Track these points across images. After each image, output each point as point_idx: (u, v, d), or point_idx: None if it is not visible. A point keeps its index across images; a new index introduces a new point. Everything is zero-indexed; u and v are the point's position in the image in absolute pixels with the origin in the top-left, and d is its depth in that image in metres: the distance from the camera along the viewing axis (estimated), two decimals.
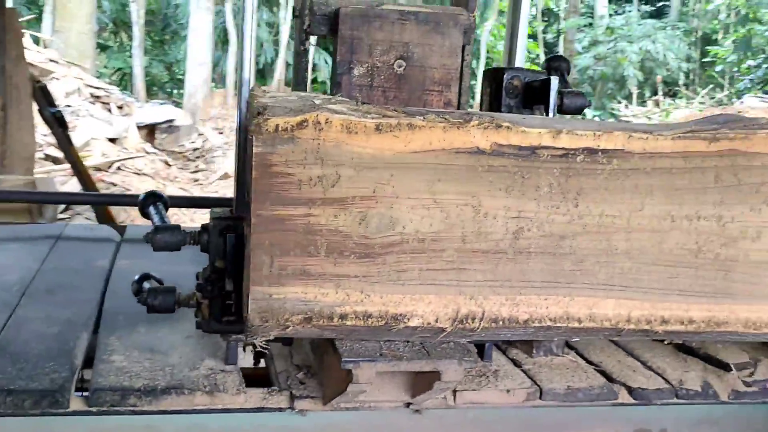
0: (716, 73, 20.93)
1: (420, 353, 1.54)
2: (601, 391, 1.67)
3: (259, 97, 1.42)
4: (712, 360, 1.79)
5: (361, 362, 1.49)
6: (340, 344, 1.56)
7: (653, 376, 1.74)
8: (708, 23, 22.21)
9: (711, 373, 1.77)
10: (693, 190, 1.53)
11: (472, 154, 1.44)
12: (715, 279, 1.56)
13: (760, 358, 1.80)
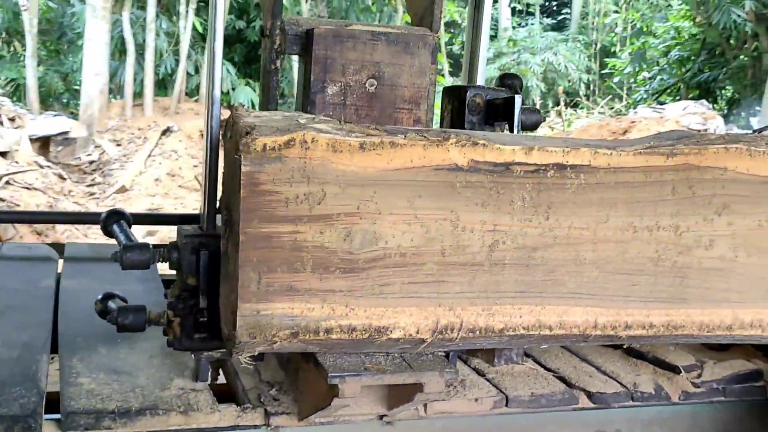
0: (614, 84, 21.69)
1: (402, 366, 1.58)
2: (563, 397, 1.75)
3: (244, 116, 1.44)
4: (661, 363, 1.89)
5: (347, 377, 1.52)
6: (322, 359, 1.59)
7: (609, 381, 1.82)
8: (606, 36, 23.00)
9: (661, 376, 1.87)
10: (652, 202, 1.62)
11: (451, 171, 1.50)
12: (672, 285, 1.66)
13: (705, 360, 1.91)
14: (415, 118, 1.71)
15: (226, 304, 1.55)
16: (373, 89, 1.68)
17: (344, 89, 1.66)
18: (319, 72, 1.65)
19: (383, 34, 1.67)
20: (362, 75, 1.67)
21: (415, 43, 1.68)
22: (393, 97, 1.69)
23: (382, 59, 1.67)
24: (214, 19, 1.69)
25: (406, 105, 1.70)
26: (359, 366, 1.56)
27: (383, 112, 1.69)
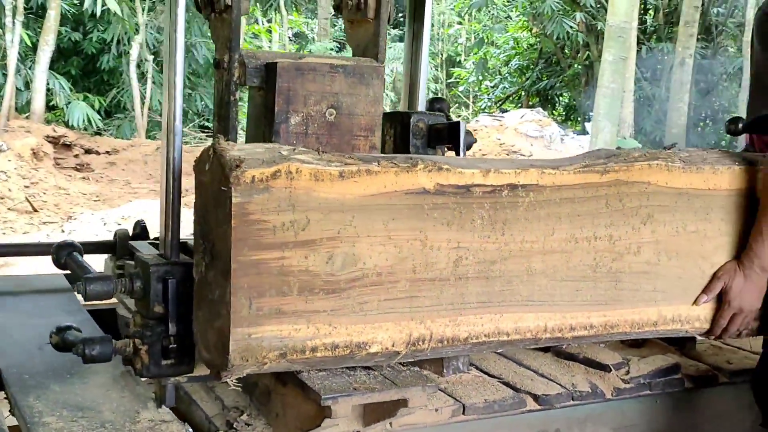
0: (461, 92, 22.47)
1: (385, 383, 1.68)
2: (513, 401, 1.88)
3: (229, 150, 1.51)
4: (592, 363, 2.07)
5: (339, 397, 1.60)
6: (309, 382, 1.66)
7: (549, 383, 1.97)
8: (451, 46, 23.79)
9: (594, 375, 2.04)
10: (590, 215, 1.80)
11: (419, 194, 1.62)
12: (608, 289, 1.85)
13: (630, 357, 2.11)
14: (370, 145, 1.82)
15: (208, 330, 1.60)
16: (332, 118, 1.77)
17: (306, 119, 1.75)
18: (282, 103, 1.73)
19: (341, 67, 1.77)
20: (322, 105, 1.76)
21: (369, 74, 1.79)
22: (350, 125, 1.79)
23: (340, 90, 1.77)
24: (174, 45, 1.74)
25: (363, 132, 1.81)
26: (348, 386, 1.64)
27: (342, 140, 1.79)
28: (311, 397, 1.62)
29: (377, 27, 1.92)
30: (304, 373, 1.68)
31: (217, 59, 1.82)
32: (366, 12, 1.92)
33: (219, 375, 1.57)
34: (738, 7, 18.56)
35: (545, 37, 19.53)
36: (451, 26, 24.24)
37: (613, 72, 14.48)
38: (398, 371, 1.74)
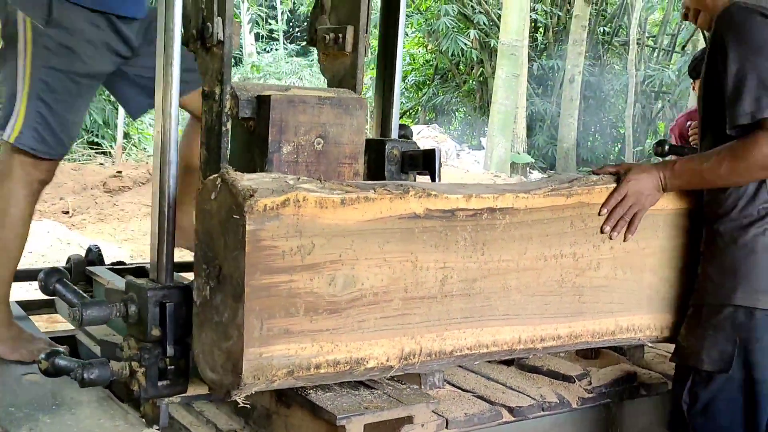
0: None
1: (391, 401, 1.78)
2: (490, 414, 2.00)
3: (240, 180, 1.60)
4: (556, 375, 2.22)
5: (353, 417, 1.69)
6: (320, 402, 1.75)
7: (520, 395, 2.11)
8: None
9: (559, 386, 2.18)
10: (557, 235, 1.97)
11: (411, 219, 1.75)
12: (573, 302, 2.02)
13: (590, 369, 2.28)
14: (354, 171, 1.93)
15: (214, 351, 1.68)
16: (320, 147, 1.88)
17: (297, 148, 1.85)
18: (276, 133, 1.82)
19: (328, 99, 1.88)
20: (311, 135, 1.86)
21: (353, 105, 1.91)
22: (337, 154, 1.90)
23: (327, 120, 1.88)
24: (169, 78, 1.81)
25: (347, 160, 1.92)
26: (358, 405, 1.74)
27: (329, 167, 1.89)
28: (324, 417, 1.71)
29: (354, 60, 2.03)
30: (312, 393, 1.78)
31: (207, 91, 1.90)
32: (344, 46, 2.03)
33: (228, 393, 1.65)
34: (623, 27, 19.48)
35: (440, 54, 19.96)
36: None
37: (506, 89, 14.96)
38: (398, 390, 1.86)
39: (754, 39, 1.94)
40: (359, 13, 2.02)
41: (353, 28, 2.02)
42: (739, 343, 1.98)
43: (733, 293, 2.00)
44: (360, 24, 2.01)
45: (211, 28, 1.83)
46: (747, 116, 1.90)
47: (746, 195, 2.01)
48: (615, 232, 2.03)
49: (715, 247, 2.06)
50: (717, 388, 2.00)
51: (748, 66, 1.91)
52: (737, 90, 1.92)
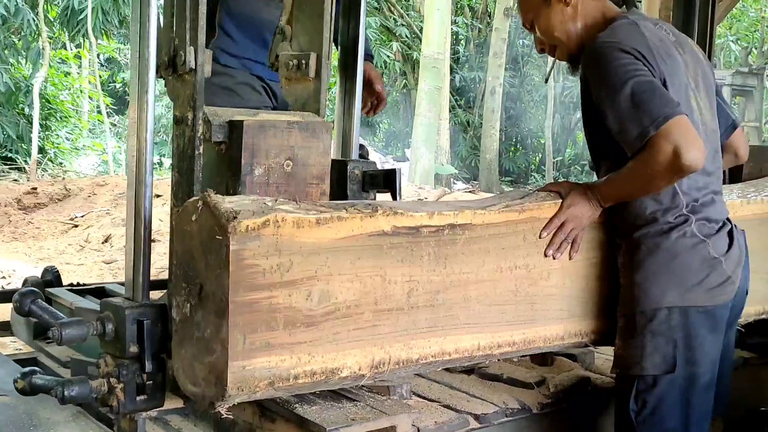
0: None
1: (375, 412, 1.89)
2: (458, 422, 2.12)
3: (222, 202, 1.69)
4: (516, 382, 2.37)
5: (341, 428, 1.79)
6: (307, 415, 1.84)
7: (484, 403, 2.23)
8: None
9: (519, 393, 2.32)
10: (512, 248, 2.11)
11: (380, 236, 1.87)
12: (526, 310, 2.16)
13: (545, 376, 2.44)
14: (321, 191, 2.04)
15: (195, 365, 1.76)
16: (289, 169, 1.98)
17: (268, 170, 1.95)
18: (248, 157, 1.92)
19: (296, 123, 1.98)
20: (281, 157, 1.96)
21: (319, 129, 2.01)
22: (305, 175, 2.00)
23: (295, 143, 1.98)
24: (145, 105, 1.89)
25: (315, 181, 2.02)
26: (344, 417, 1.84)
27: (298, 188, 1.99)
28: (314, 430, 1.81)
29: (318, 85, 2.14)
30: (298, 407, 1.87)
31: (179, 116, 1.98)
32: (307, 72, 2.14)
33: (212, 405, 1.73)
34: None
35: None
36: None
37: (429, 101, 15.20)
38: (380, 401, 1.98)
39: (618, 72, 2.10)
40: (321, 41, 2.13)
41: (316, 55, 2.13)
42: (677, 342, 2.15)
43: (665, 296, 2.16)
44: (323, 51, 2.12)
45: (183, 57, 1.91)
46: (638, 140, 2.06)
47: (663, 204, 2.18)
48: (559, 253, 2.18)
49: (639, 256, 2.19)
50: (663, 390, 2.16)
51: (619, 97, 2.08)
52: (621, 123, 2.09)
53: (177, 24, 1.95)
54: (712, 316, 2.21)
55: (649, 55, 2.13)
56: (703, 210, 2.20)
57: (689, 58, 2.30)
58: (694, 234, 2.18)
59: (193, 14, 1.93)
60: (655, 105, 2.04)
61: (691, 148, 2.01)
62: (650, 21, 2.31)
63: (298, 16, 2.20)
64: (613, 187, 2.19)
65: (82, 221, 9.12)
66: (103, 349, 1.96)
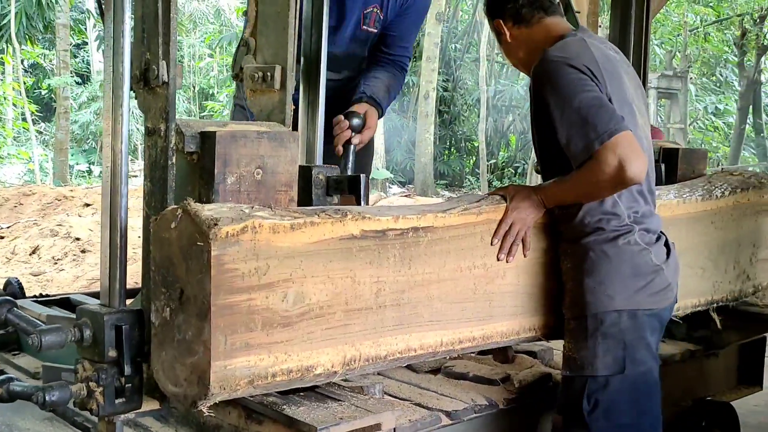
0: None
1: (360, 411, 1.98)
2: (431, 419, 2.22)
3: (201, 210, 1.77)
4: (482, 380, 2.49)
5: (331, 427, 1.87)
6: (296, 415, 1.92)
7: (454, 400, 2.34)
8: (203, 79, 23.83)
9: (485, 390, 2.44)
10: (470, 248, 2.23)
11: (349, 239, 1.97)
12: (484, 307, 2.29)
13: (509, 373, 2.56)
14: (289, 198, 2.12)
15: (176, 366, 1.84)
16: (259, 177, 2.06)
17: (239, 179, 2.03)
18: (221, 166, 1.99)
19: (265, 133, 2.07)
20: (252, 166, 2.04)
21: (287, 138, 2.10)
22: (274, 183, 2.09)
23: (265, 153, 2.06)
24: (120, 118, 1.96)
25: (284, 188, 2.11)
26: (332, 417, 1.93)
27: (267, 195, 2.07)
28: (304, 430, 1.89)
29: (283, 96, 2.23)
30: (286, 408, 1.96)
31: (150, 127, 2.05)
32: (272, 84, 2.22)
33: (194, 404, 1.81)
34: (473, 44, 20.32)
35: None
36: (202, 59, 24.30)
37: None
38: (363, 400, 2.07)
39: (566, 87, 2.25)
40: (286, 54, 2.22)
41: (281, 67, 2.22)
42: (627, 344, 2.30)
43: (614, 300, 2.30)
44: (287, 64, 2.21)
45: (156, 71, 1.99)
46: (584, 152, 2.21)
47: (608, 213, 2.32)
48: (511, 257, 2.31)
49: (588, 262, 2.32)
50: (614, 389, 2.29)
51: (568, 111, 2.23)
52: (569, 136, 2.24)
53: (149, 38, 2.02)
54: (657, 318, 2.37)
55: (597, 72, 2.28)
56: (643, 221, 2.36)
57: (632, 75, 2.46)
58: (637, 242, 2.33)
59: (165, 29, 2.00)
60: (601, 120, 2.18)
61: (635, 161, 2.17)
62: (597, 39, 2.46)
63: (262, 29, 2.28)
64: (558, 191, 2.33)
65: (7, 232, 8.97)
66: (80, 354, 2.02)
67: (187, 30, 24.04)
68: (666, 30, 22.12)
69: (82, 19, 23.16)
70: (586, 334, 2.31)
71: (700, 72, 23.70)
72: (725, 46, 22.73)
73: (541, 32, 2.45)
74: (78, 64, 24.26)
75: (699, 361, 3.26)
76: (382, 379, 2.47)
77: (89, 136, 21.78)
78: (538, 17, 2.45)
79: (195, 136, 2.02)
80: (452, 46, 20.38)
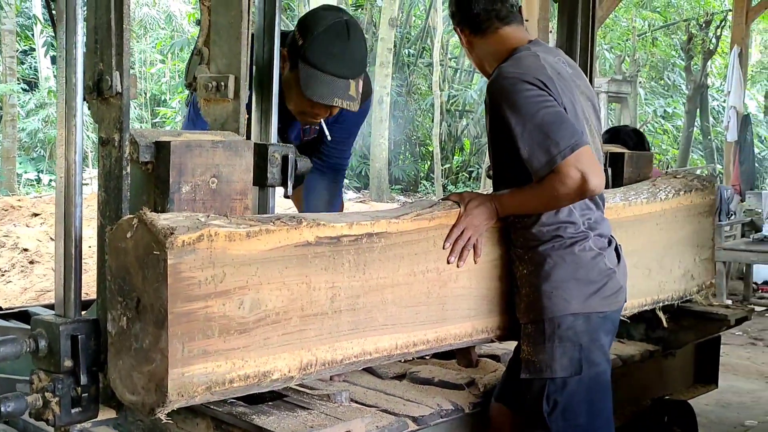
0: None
1: (330, 419, 2.01)
2: (398, 425, 2.25)
3: (157, 219, 1.79)
4: (447, 384, 2.53)
5: None
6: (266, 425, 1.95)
7: (420, 406, 2.38)
8: (155, 85, 23.59)
9: (450, 395, 2.48)
10: (423, 253, 2.28)
11: (305, 246, 2.00)
12: (438, 311, 2.33)
13: (474, 377, 2.61)
14: (245, 206, 2.15)
15: (133, 375, 1.85)
16: (214, 186, 2.08)
17: (194, 188, 2.05)
18: (176, 176, 2.01)
19: (220, 142, 2.09)
20: (206, 175, 2.06)
21: (242, 147, 2.13)
22: (229, 191, 2.11)
23: (220, 162, 2.08)
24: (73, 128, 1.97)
25: (239, 196, 2.13)
26: (303, 426, 1.95)
27: (222, 204, 2.10)
28: None
29: (237, 106, 2.25)
30: (255, 418, 1.99)
31: (104, 137, 2.06)
32: (226, 93, 2.25)
33: (152, 411, 1.83)
34: (426, 49, 20.45)
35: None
36: (153, 65, 24.06)
37: None
38: (332, 408, 2.11)
39: (525, 104, 2.30)
40: (239, 64, 2.24)
41: (234, 77, 2.24)
42: (582, 346, 2.36)
43: (570, 304, 2.37)
44: (241, 73, 2.24)
45: (110, 81, 2.00)
46: (545, 167, 2.27)
47: (564, 221, 2.39)
48: (461, 262, 2.36)
49: (545, 268, 2.38)
50: (572, 390, 2.36)
51: (529, 127, 2.28)
52: (530, 151, 2.29)
53: (102, 49, 2.03)
54: (610, 320, 2.44)
55: (552, 86, 2.33)
56: (596, 227, 2.44)
57: (584, 87, 2.52)
58: (591, 248, 2.40)
59: (118, 39, 2.02)
60: (562, 135, 2.24)
61: (595, 174, 2.25)
62: (550, 53, 2.50)
63: (216, 39, 2.31)
64: (516, 202, 2.40)
65: None
66: (35, 365, 2.02)
67: (137, 36, 23.78)
68: (615, 35, 22.49)
69: (29, 25, 22.78)
70: (543, 337, 2.37)
71: (649, 76, 24.12)
72: (673, 50, 23.18)
73: (495, 42, 2.50)
74: (25, 71, 23.88)
75: (657, 361, 3.35)
76: (349, 386, 2.51)
77: (38, 144, 21.45)
78: (494, 27, 2.49)
79: (149, 146, 2.04)
80: (406, 52, 20.48)
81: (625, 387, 3.19)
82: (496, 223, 2.44)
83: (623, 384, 3.15)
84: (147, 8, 24.11)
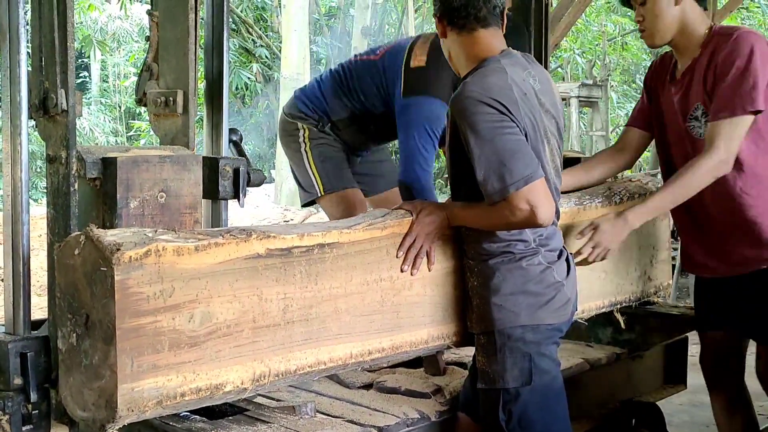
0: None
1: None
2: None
3: (104, 236, 1.80)
4: (414, 393, 2.54)
5: None
6: None
7: (385, 415, 2.39)
8: (129, 98, 23.48)
9: (417, 403, 2.50)
10: (376, 262, 2.30)
11: (255, 258, 2.01)
12: (393, 318, 2.35)
13: (440, 385, 2.62)
14: (194, 219, 2.16)
15: (84, 391, 1.86)
16: (163, 200, 2.09)
17: (142, 203, 2.05)
18: (123, 191, 2.02)
19: (168, 157, 2.10)
20: (155, 190, 2.07)
21: (190, 161, 2.14)
22: (178, 205, 2.12)
23: (168, 176, 2.09)
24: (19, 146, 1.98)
25: (188, 210, 2.14)
26: None
27: (172, 218, 2.11)
28: None
29: (186, 120, 2.27)
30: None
31: (52, 155, 2.06)
32: (175, 108, 2.26)
33: (103, 427, 1.83)
34: None
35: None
36: (127, 78, 23.95)
37: None
38: (293, 421, 2.13)
39: (485, 129, 2.29)
40: (187, 79, 2.26)
41: (183, 92, 2.26)
42: (532, 356, 2.38)
43: (519, 317, 2.38)
44: (189, 88, 2.25)
45: (55, 99, 2.01)
46: (498, 194, 2.28)
47: (515, 238, 2.39)
48: (415, 270, 2.38)
49: (495, 281, 2.39)
50: (525, 399, 2.37)
51: (487, 152, 2.28)
52: (485, 175, 2.28)
53: (47, 67, 2.04)
54: (558, 330, 2.47)
55: (514, 109, 2.31)
56: (548, 242, 2.45)
57: (549, 105, 2.48)
58: (540, 262, 2.42)
59: (62, 58, 2.03)
60: (517, 166, 2.25)
61: (545, 207, 2.28)
62: (520, 67, 2.44)
63: (164, 55, 2.32)
64: (467, 216, 2.42)
65: None
66: None
67: (111, 49, 23.68)
68: (586, 39, 22.65)
69: None
70: (495, 348, 2.39)
71: (620, 80, 24.32)
72: (643, 54, 23.38)
73: (469, 43, 2.46)
74: None
75: (625, 363, 3.37)
76: (315, 397, 2.52)
77: None
78: (470, 26, 2.43)
79: (97, 162, 2.05)
80: None
81: (594, 390, 3.22)
82: (450, 232, 2.46)
83: (591, 387, 3.19)
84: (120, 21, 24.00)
